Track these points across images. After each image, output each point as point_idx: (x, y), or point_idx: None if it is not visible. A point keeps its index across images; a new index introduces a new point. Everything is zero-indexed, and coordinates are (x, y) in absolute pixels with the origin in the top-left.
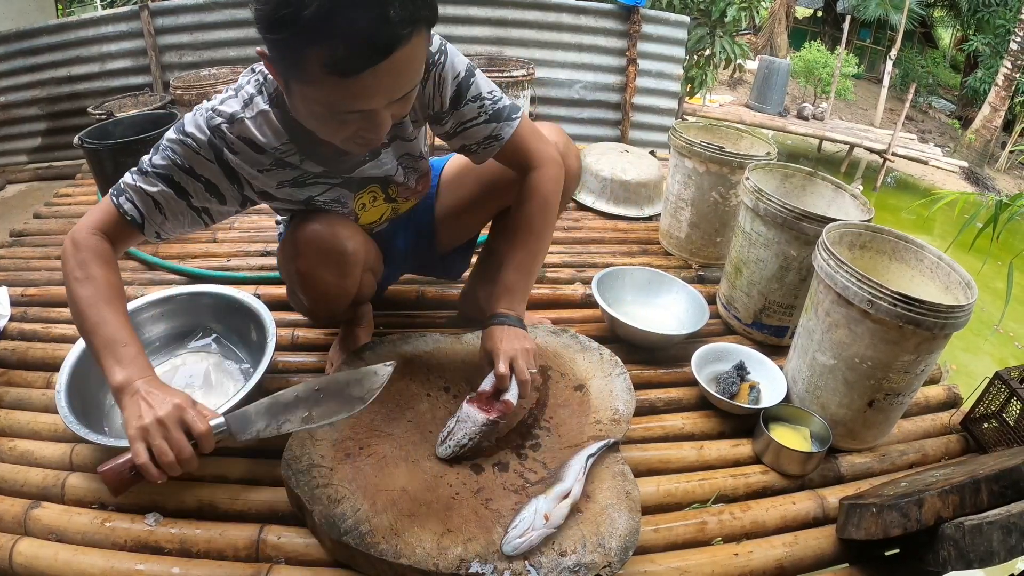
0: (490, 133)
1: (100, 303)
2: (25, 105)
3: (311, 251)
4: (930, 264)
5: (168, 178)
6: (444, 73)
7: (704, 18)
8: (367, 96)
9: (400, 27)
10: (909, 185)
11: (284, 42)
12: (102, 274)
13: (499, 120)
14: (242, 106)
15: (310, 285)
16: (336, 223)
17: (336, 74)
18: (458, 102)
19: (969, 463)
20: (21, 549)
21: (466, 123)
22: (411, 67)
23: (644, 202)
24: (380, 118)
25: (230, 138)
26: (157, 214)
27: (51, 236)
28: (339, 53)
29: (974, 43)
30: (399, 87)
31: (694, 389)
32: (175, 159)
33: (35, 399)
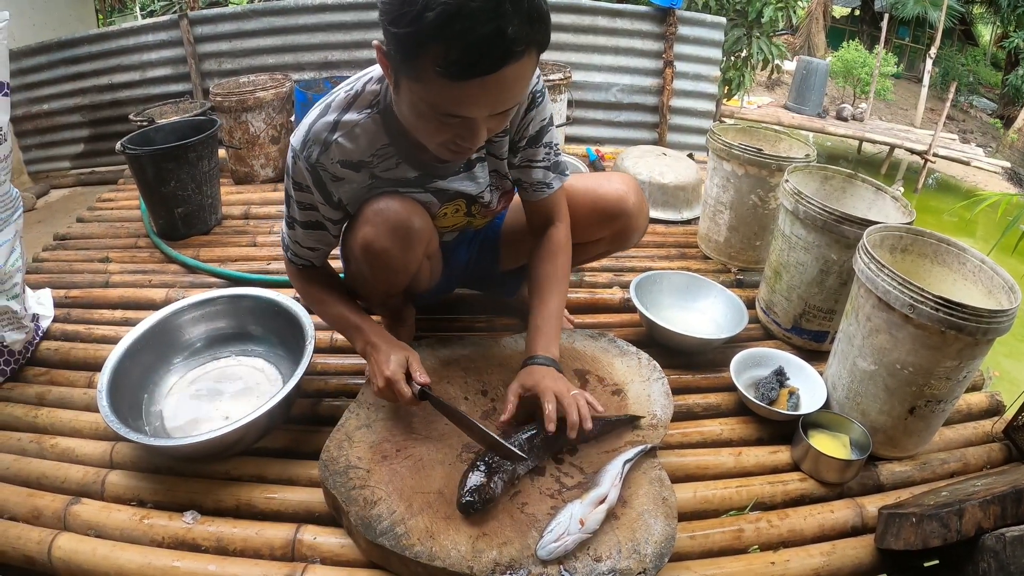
0: (543, 179)
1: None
2: (68, 112)
3: (379, 220)
4: (973, 268)
5: (305, 223)
6: (538, 111)
7: (740, 19)
8: (470, 103)
9: (514, 44)
10: (951, 187)
11: (404, 37)
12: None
13: (555, 171)
14: (332, 126)
15: (372, 254)
16: (407, 201)
17: (445, 76)
18: (535, 142)
19: (1011, 473)
20: (60, 544)
21: (531, 162)
22: (516, 85)
23: (682, 205)
24: (477, 128)
25: (333, 169)
26: (318, 252)
27: (93, 240)
28: (452, 57)
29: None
30: (501, 102)
31: (732, 394)
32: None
33: (77, 398)
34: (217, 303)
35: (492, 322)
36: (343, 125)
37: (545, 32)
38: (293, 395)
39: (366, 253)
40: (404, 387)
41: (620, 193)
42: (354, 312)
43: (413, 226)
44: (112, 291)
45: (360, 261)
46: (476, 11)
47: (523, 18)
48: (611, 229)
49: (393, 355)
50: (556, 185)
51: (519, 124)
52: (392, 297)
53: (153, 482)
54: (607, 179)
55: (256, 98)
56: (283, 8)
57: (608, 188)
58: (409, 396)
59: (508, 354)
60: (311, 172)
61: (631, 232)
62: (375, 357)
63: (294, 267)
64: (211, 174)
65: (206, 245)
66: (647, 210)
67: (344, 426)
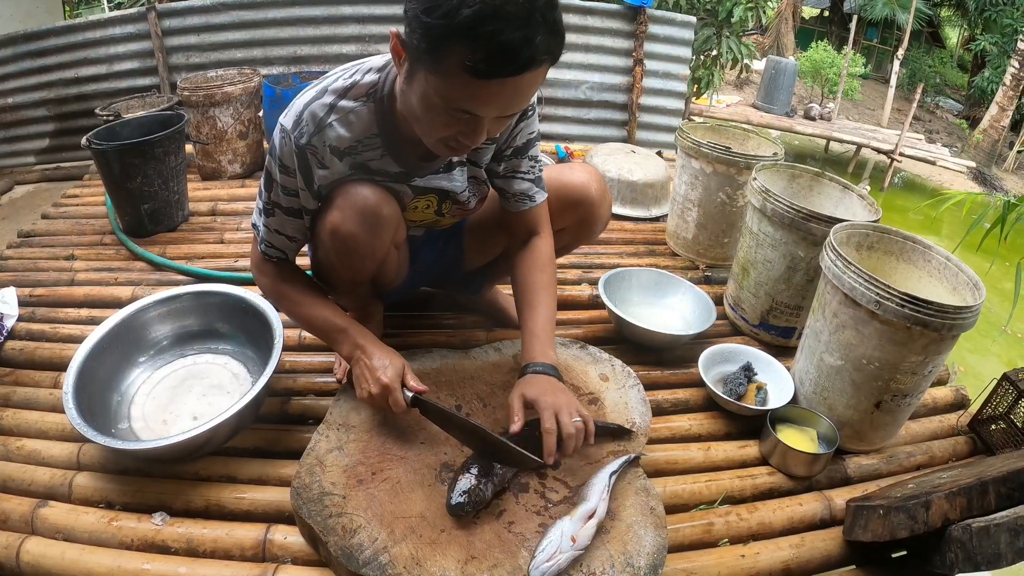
0: (527, 191)
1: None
2: (33, 106)
3: (348, 205)
4: (938, 265)
5: (288, 209)
6: (528, 123)
7: (711, 18)
8: (485, 102)
9: (538, 52)
10: (916, 185)
11: (434, 28)
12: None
13: (538, 185)
14: (328, 109)
15: (340, 239)
16: (377, 188)
17: (470, 73)
18: (521, 153)
19: (977, 465)
20: (28, 548)
21: (515, 173)
22: (529, 91)
23: (651, 203)
24: (481, 128)
25: (321, 154)
26: (294, 243)
27: (59, 236)
28: (480, 55)
29: (981, 42)
30: (513, 104)
31: (701, 390)
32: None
33: (43, 399)
34: (183, 300)
35: (461, 319)
36: (339, 110)
37: (561, 45)
38: (262, 394)
39: (333, 237)
40: (400, 396)
41: (583, 181)
42: (337, 314)
43: (381, 212)
44: (78, 289)
45: (327, 246)
46: (510, 15)
47: (547, 29)
48: (574, 216)
49: (389, 362)
50: (539, 199)
51: (508, 134)
52: (359, 285)
53: (121, 483)
54: (569, 168)
55: (224, 93)
56: (252, 2)
57: (571, 176)
58: (404, 406)
59: (479, 365)
60: (299, 155)
61: (594, 221)
62: (368, 363)
63: (267, 262)
64: (178, 170)
65: (173, 242)
66: (610, 200)
67: (314, 450)
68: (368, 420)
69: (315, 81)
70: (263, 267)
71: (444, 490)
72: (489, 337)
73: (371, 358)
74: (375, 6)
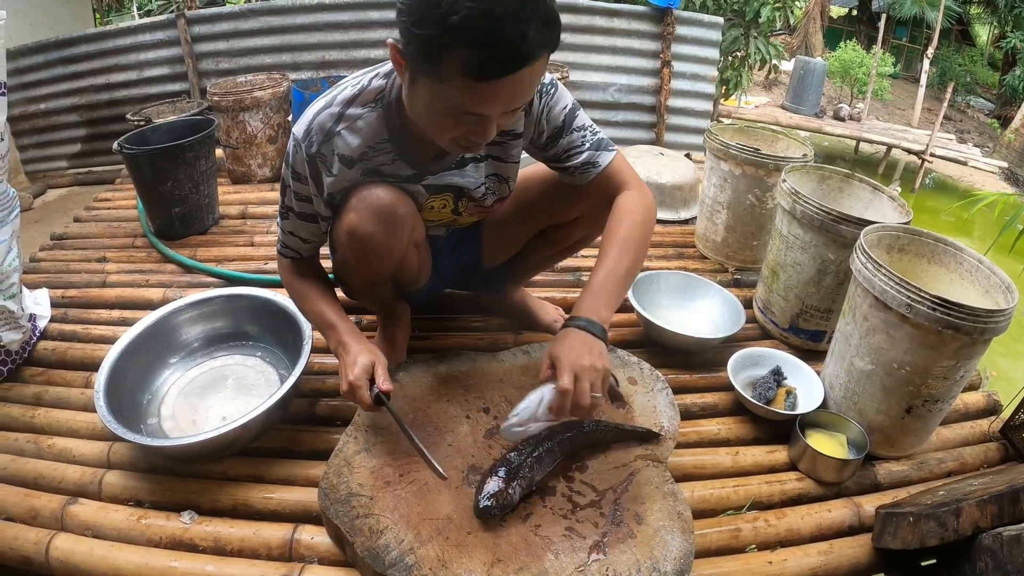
0: (588, 159)
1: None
2: (65, 112)
3: (363, 206)
4: (970, 267)
5: (301, 214)
6: (553, 102)
7: (738, 19)
8: (490, 102)
9: (534, 46)
10: (948, 186)
11: (427, 39)
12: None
13: (598, 149)
14: (336, 118)
15: (357, 239)
16: (393, 189)
17: (470, 77)
18: (563, 132)
19: (1008, 472)
20: (58, 544)
21: (571, 150)
22: (532, 83)
23: (680, 205)
24: (491, 125)
25: (330, 162)
26: (309, 244)
27: (90, 239)
28: (476, 59)
29: (1012, 40)
30: (518, 99)
31: (730, 394)
32: (297, 195)
33: (74, 398)
34: (214, 303)
35: (488, 322)
36: (347, 118)
37: (557, 34)
38: (290, 395)
39: (351, 238)
40: (365, 394)
41: None
42: (332, 310)
43: (397, 212)
44: (109, 291)
45: (345, 247)
46: (500, 16)
47: (541, 21)
48: (588, 204)
49: (360, 359)
50: (604, 160)
51: (533, 123)
52: (378, 285)
53: (150, 482)
54: None
55: (253, 98)
56: (280, 8)
57: None
58: (368, 403)
59: (508, 368)
60: (309, 163)
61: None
62: (344, 359)
63: (284, 259)
64: (208, 174)
65: (203, 245)
66: (651, 195)
67: (342, 451)
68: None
69: (327, 91)
70: (282, 262)
71: (471, 492)
72: (517, 340)
73: (348, 354)
74: None
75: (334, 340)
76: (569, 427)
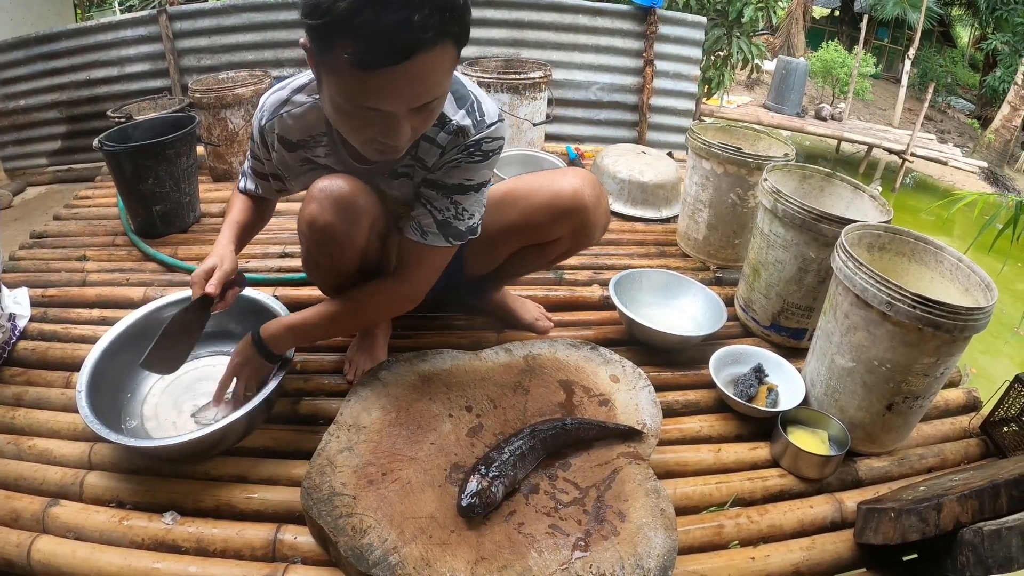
0: (422, 222)
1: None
2: (45, 109)
3: (323, 196)
4: (950, 266)
5: (254, 163)
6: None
7: (721, 19)
8: (382, 95)
9: (422, 32)
10: (928, 186)
11: (318, 29)
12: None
13: (441, 230)
14: (283, 101)
15: (317, 229)
16: (353, 179)
17: (356, 67)
18: (441, 189)
19: (988, 467)
20: (39, 547)
21: (427, 202)
22: (430, 78)
23: (662, 204)
24: (398, 125)
25: (271, 139)
26: (258, 189)
27: (71, 238)
28: (361, 47)
29: (993, 41)
30: (416, 95)
31: (712, 391)
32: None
33: (54, 398)
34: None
35: (471, 320)
36: (291, 103)
37: (460, 23)
38: (274, 395)
39: (311, 228)
40: (197, 290)
41: (575, 187)
42: (230, 221)
43: (358, 201)
44: (90, 290)
45: (308, 238)
46: (385, 1)
47: (434, 7)
48: (569, 225)
49: (208, 260)
50: (429, 240)
51: (436, 161)
52: (345, 279)
53: (132, 483)
54: (562, 174)
55: (235, 95)
56: (263, 4)
57: (563, 183)
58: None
59: (490, 366)
60: (260, 132)
61: (590, 228)
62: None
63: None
64: (189, 171)
65: (184, 243)
66: (606, 204)
67: (325, 450)
68: (379, 421)
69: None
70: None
71: (454, 491)
72: (500, 338)
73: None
74: None
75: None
76: (552, 425)
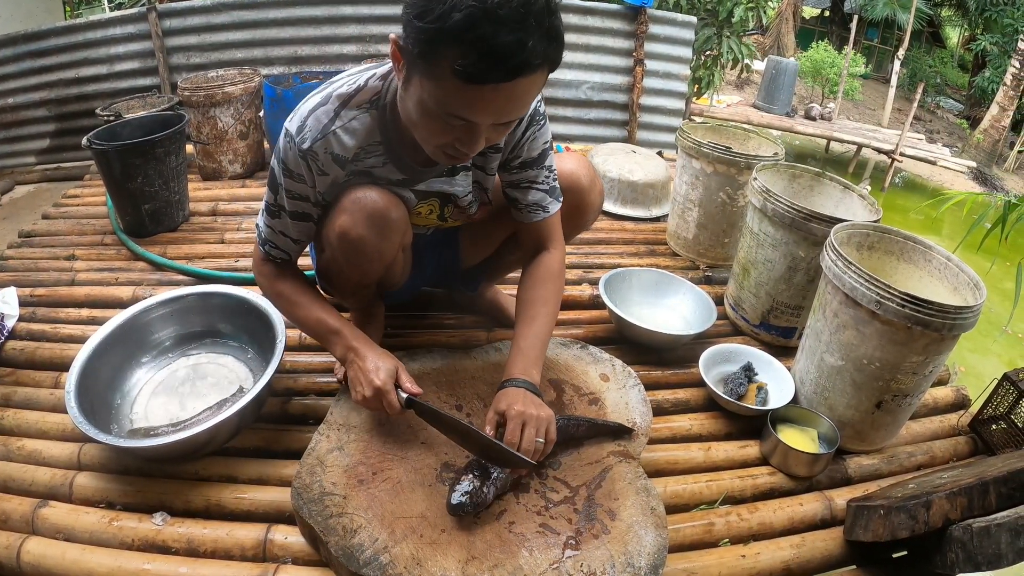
0: (540, 201)
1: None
2: (33, 107)
3: (357, 208)
4: (938, 265)
5: (294, 213)
6: (540, 133)
7: (711, 18)
8: (479, 108)
9: (532, 57)
10: (917, 185)
11: (427, 32)
12: (282, 289)
13: (551, 196)
14: (332, 117)
15: (349, 242)
16: (385, 192)
17: (461, 78)
18: (534, 164)
19: (977, 465)
20: (29, 548)
21: (532, 184)
22: (525, 97)
23: (651, 203)
24: (478, 135)
25: (318, 163)
26: (299, 245)
27: (59, 237)
28: (471, 60)
29: (982, 42)
30: (508, 111)
31: (701, 390)
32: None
33: (43, 399)
34: (186, 301)
35: (461, 319)
36: (342, 117)
37: (559, 51)
38: (264, 394)
39: (342, 241)
40: (395, 398)
41: (571, 169)
42: (332, 315)
43: (390, 216)
44: (78, 289)
45: (336, 249)
46: (502, 19)
47: (543, 34)
48: (565, 206)
49: (382, 364)
50: (552, 209)
51: (515, 143)
52: (364, 288)
53: (122, 483)
54: (558, 159)
55: (224, 93)
56: (253, 2)
57: (560, 166)
58: (398, 408)
59: (480, 365)
60: (302, 159)
61: (585, 209)
62: (361, 365)
63: (268, 263)
64: (179, 170)
65: (174, 242)
66: (601, 187)
67: (315, 450)
68: (368, 420)
69: (321, 86)
70: (263, 267)
71: (445, 490)
72: (490, 337)
73: (364, 360)
74: (376, 6)
75: (340, 346)
76: None
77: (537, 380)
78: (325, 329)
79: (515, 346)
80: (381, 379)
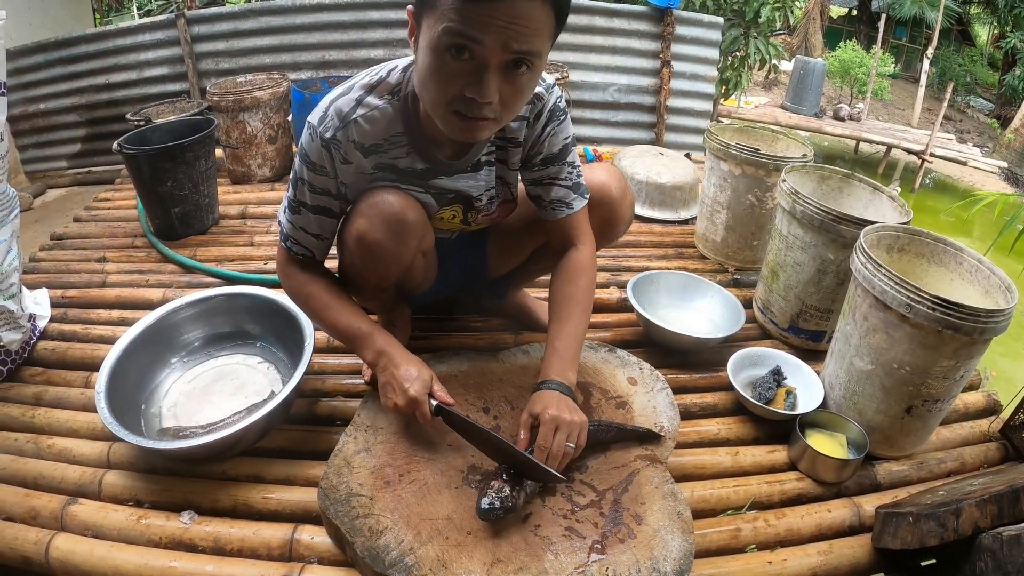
0: (563, 198)
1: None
2: (64, 112)
3: (374, 212)
4: (969, 267)
5: (315, 207)
6: (560, 128)
7: (738, 19)
8: (478, 25)
9: None
10: (948, 186)
11: None
12: (310, 291)
13: (576, 192)
14: (353, 105)
15: (365, 246)
16: (403, 195)
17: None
18: (556, 160)
19: (1008, 472)
20: (58, 544)
21: (554, 180)
22: (530, 24)
23: (680, 205)
24: (486, 75)
25: (340, 152)
26: (322, 242)
27: (90, 239)
28: None
29: (1012, 40)
30: (513, 35)
31: (729, 394)
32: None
33: (74, 398)
34: (214, 302)
35: (488, 322)
36: (364, 105)
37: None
38: (293, 396)
39: (359, 245)
40: (428, 409)
41: (602, 180)
42: (362, 319)
43: (407, 219)
44: (109, 291)
45: (353, 252)
46: None
47: None
48: (596, 217)
49: (417, 373)
50: (577, 206)
51: (535, 138)
52: (383, 291)
53: (150, 482)
54: (589, 170)
55: (253, 98)
56: (280, 8)
57: (590, 177)
58: (430, 417)
59: (508, 368)
60: (324, 148)
61: (616, 221)
62: (395, 373)
63: (292, 262)
64: (208, 174)
65: (203, 245)
66: (632, 199)
67: (342, 451)
68: (395, 422)
69: (343, 82)
70: (288, 268)
71: (471, 492)
72: (517, 340)
73: (398, 367)
74: (402, 11)
75: (371, 351)
76: None
77: (573, 382)
78: (356, 333)
79: (550, 346)
80: (416, 390)
